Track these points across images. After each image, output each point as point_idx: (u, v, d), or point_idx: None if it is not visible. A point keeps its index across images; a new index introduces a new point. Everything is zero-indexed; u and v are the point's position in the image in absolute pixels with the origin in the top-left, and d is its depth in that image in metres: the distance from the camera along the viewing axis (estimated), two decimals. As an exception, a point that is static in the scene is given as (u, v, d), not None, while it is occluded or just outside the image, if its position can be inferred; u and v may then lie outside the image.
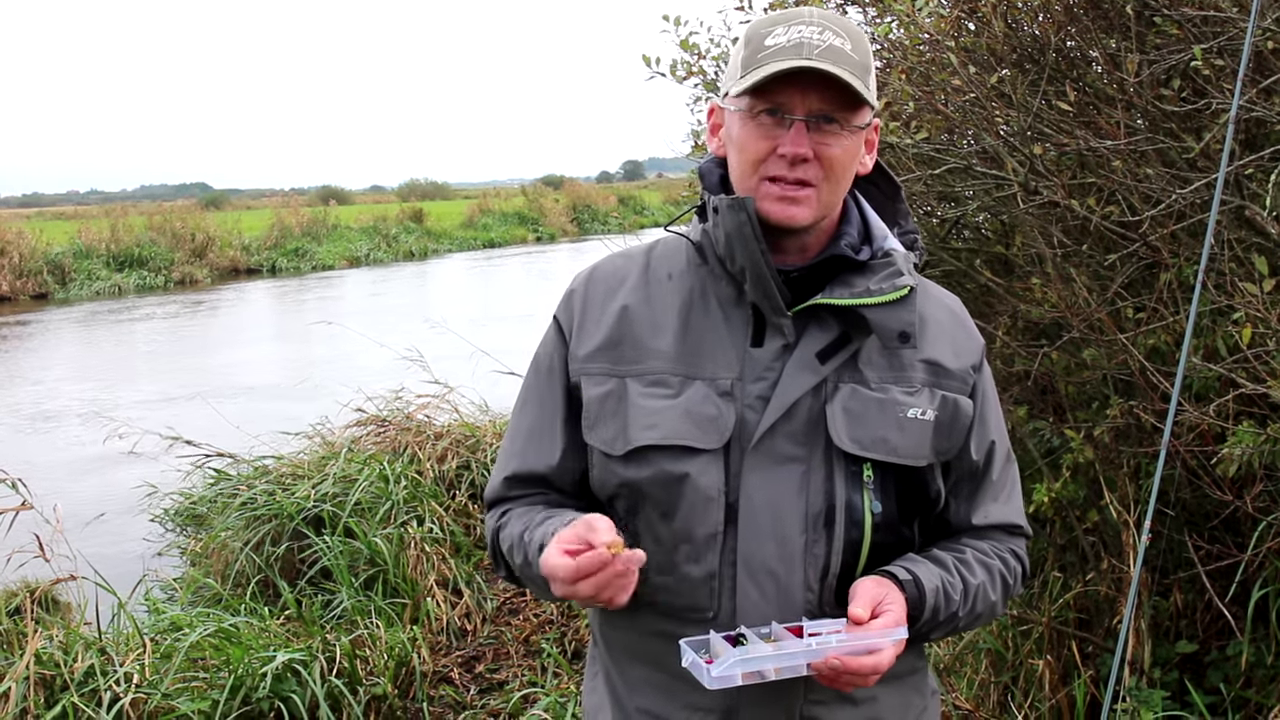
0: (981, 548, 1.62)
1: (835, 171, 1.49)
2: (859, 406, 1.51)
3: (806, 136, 1.46)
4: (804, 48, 1.44)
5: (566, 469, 1.62)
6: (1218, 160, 2.69)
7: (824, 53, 1.44)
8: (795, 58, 1.43)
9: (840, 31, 1.47)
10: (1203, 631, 3.24)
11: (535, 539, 1.51)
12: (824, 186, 1.49)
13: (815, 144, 1.47)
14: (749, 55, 1.48)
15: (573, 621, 4.92)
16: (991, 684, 3.50)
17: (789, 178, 1.48)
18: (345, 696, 3.96)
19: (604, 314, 1.60)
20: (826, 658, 1.36)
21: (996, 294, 3.54)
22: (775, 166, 1.48)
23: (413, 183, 63.22)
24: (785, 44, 1.45)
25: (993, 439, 1.63)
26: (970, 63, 3.26)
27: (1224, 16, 2.81)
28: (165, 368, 14.14)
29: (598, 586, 1.35)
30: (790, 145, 1.46)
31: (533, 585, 1.58)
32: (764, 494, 1.49)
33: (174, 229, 28.73)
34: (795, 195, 1.48)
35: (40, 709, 3.58)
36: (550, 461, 1.62)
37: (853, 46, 1.47)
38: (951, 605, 1.52)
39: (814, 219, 1.51)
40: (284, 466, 6.50)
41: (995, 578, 1.60)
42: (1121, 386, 3.28)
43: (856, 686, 1.41)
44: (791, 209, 1.49)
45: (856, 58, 1.47)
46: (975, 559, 1.59)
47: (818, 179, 1.48)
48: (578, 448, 1.61)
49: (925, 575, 1.50)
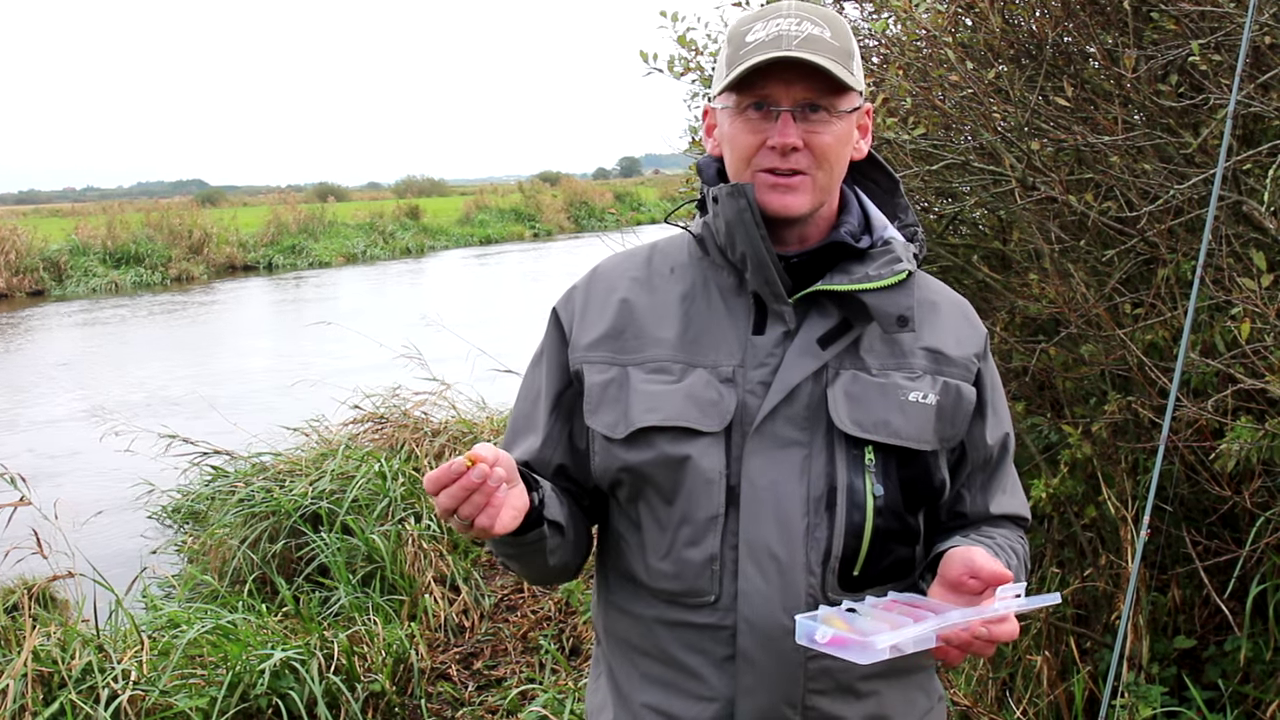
0: (1006, 535, 1.64)
1: (828, 158, 1.51)
2: (860, 391, 1.52)
3: (794, 126, 1.48)
4: (782, 40, 1.47)
5: (545, 460, 1.63)
6: (1215, 156, 2.69)
7: (803, 42, 1.47)
8: (774, 50, 1.46)
9: (818, 20, 1.50)
10: (1201, 627, 3.24)
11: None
12: (818, 174, 1.51)
13: (804, 133, 1.49)
14: (732, 53, 1.52)
15: (570, 618, 4.92)
16: (989, 680, 3.50)
17: (781, 168, 1.50)
18: (343, 693, 3.96)
19: (606, 306, 1.61)
20: (972, 625, 1.32)
21: (994, 290, 3.54)
22: (767, 158, 1.50)
23: (409, 179, 63.14)
24: (765, 38, 1.48)
25: (1006, 430, 1.66)
26: (967, 58, 3.26)
27: (1222, 11, 2.81)
28: (162, 365, 14.13)
29: (454, 499, 1.34)
30: (779, 136, 1.48)
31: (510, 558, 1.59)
32: (765, 477, 1.50)
33: (171, 226, 28.70)
34: (790, 184, 1.50)
35: (38, 706, 3.58)
36: (532, 449, 1.63)
37: (832, 33, 1.50)
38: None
39: (811, 207, 1.53)
40: (281, 463, 6.50)
41: (1021, 564, 1.63)
42: (1119, 382, 3.28)
43: (977, 653, 1.36)
44: (787, 198, 1.51)
45: (836, 44, 1.49)
46: (1005, 544, 1.61)
47: (810, 167, 1.50)
48: (559, 440, 1.63)
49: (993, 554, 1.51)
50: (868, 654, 1.28)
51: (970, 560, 1.40)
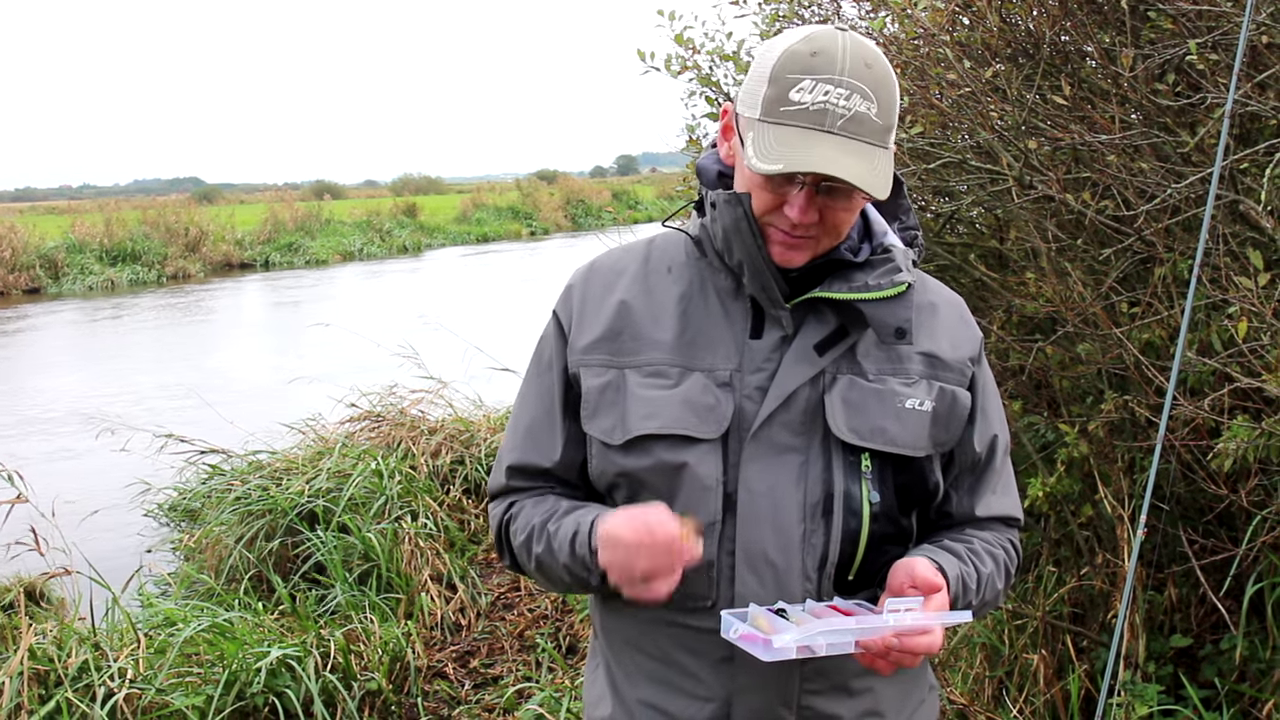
0: (986, 538, 1.64)
1: (838, 229, 1.50)
2: (857, 397, 1.52)
3: (814, 201, 1.45)
4: (827, 117, 1.41)
5: (569, 462, 1.63)
6: (1212, 155, 2.69)
7: (846, 124, 1.41)
8: (817, 126, 1.41)
9: (868, 91, 1.42)
10: (1197, 626, 3.24)
11: (564, 527, 1.54)
12: (825, 239, 1.51)
13: (822, 205, 1.46)
14: (771, 98, 1.44)
15: (567, 616, 4.92)
16: (986, 678, 3.50)
17: (791, 233, 1.48)
18: (339, 691, 3.96)
19: (603, 306, 1.61)
20: (885, 636, 1.37)
21: (991, 288, 3.54)
22: (779, 220, 1.48)
23: (406, 177, 63.09)
24: (810, 105, 1.41)
25: (995, 432, 1.65)
26: (965, 57, 3.26)
27: (1219, 11, 2.81)
28: (158, 363, 14.12)
29: (654, 559, 1.38)
30: (796, 213, 1.45)
31: (546, 573, 1.60)
32: (762, 483, 1.50)
33: (167, 223, 28.68)
34: (797, 243, 1.49)
35: (34, 704, 3.57)
36: (553, 456, 1.63)
37: (878, 109, 1.43)
38: (968, 594, 1.54)
39: (810, 259, 1.52)
40: (278, 462, 6.50)
41: (1000, 568, 1.63)
42: (1116, 381, 3.28)
43: (902, 666, 1.42)
44: (789, 254, 1.50)
45: (880, 122, 1.43)
46: (982, 549, 1.61)
47: (820, 234, 1.49)
48: (578, 439, 1.62)
49: (948, 565, 1.52)
50: (769, 652, 1.34)
51: (911, 570, 1.46)
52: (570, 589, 1.62)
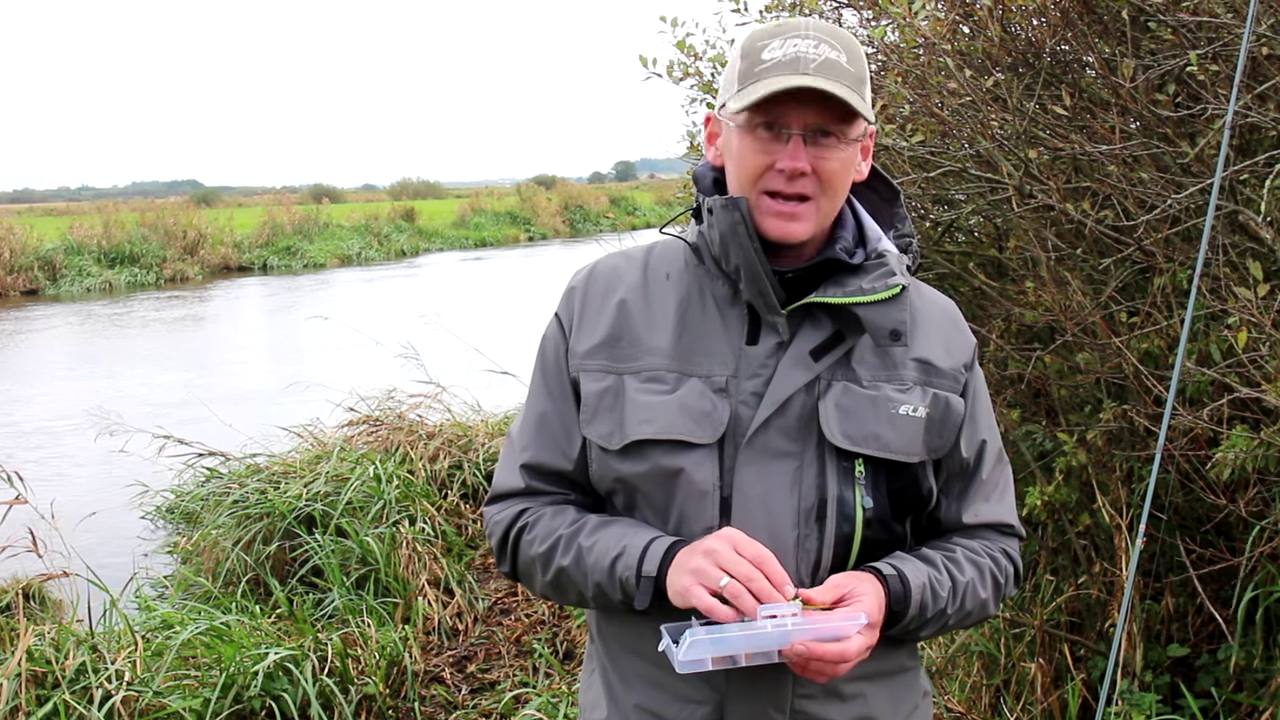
0: (972, 546, 1.63)
1: (833, 184, 1.52)
2: (851, 403, 1.53)
3: (804, 151, 1.48)
4: (800, 62, 1.46)
5: (583, 464, 1.63)
6: (1212, 165, 2.70)
7: (820, 67, 1.46)
8: (791, 73, 1.45)
9: (835, 44, 1.49)
10: (1194, 635, 3.25)
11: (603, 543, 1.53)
12: (821, 200, 1.52)
13: (813, 158, 1.49)
14: (745, 68, 1.50)
15: (564, 622, 4.92)
16: (983, 687, 3.51)
17: (787, 192, 1.50)
18: (336, 695, 3.96)
19: (602, 311, 1.62)
20: (792, 643, 1.38)
21: (990, 297, 3.55)
22: (773, 181, 1.50)
23: (405, 181, 63.08)
24: (781, 58, 1.47)
25: (983, 438, 1.65)
26: (966, 66, 3.27)
27: (1219, 22, 2.82)
28: (156, 365, 14.11)
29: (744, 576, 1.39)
30: (789, 160, 1.48)
31: (563, 586, 1.59)
32: (757, 488, 1.51)
33: (166, 226, 28.65)
34: (794, 211, 1.51)
35: (32, 706, 3.57)
36: (571, 454, 1.62)
37: (848, 59, 1.49)
38: (939, 603, 1.54)
39: (812, 233, 1.54)
40: (276, 465, 6.49)
41: (985, 576, 1.62)
42: (1115, 390, 3.29)
43: (830, 676, 1.43)
44: (790, 225, 1.51)
45: (852, 70, 1.49)
46: (965, 557, 1.61)
47: (815, 192, 1.51)
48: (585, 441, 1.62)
49: (911, 571, 1.52)
50: (682, 666, 1.38)
51: (835, 582, 1.48)
52: (581, 604, 1.62)
